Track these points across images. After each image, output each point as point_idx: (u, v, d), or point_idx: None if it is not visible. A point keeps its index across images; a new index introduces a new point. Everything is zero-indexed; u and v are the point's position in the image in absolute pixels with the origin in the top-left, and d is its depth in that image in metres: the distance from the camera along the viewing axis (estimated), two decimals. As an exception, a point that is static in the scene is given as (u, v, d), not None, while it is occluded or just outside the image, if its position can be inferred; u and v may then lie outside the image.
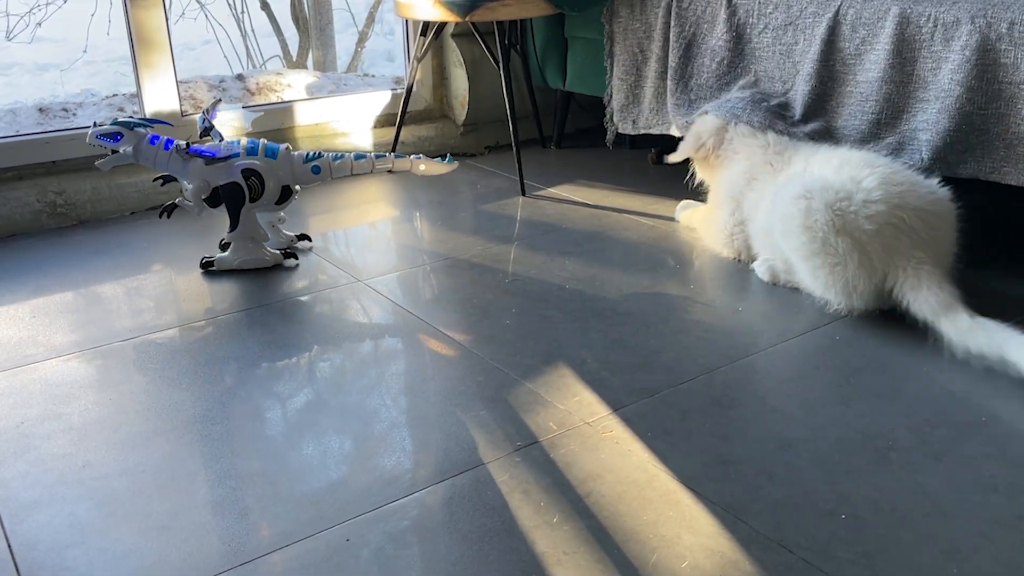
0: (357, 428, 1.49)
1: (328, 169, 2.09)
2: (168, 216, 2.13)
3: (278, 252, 2.14)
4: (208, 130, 2.14)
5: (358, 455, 1.42)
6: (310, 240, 2.26)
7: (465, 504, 1.29)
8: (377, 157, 2.11)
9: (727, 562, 1.17)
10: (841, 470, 1.35)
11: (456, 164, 2.12)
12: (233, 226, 2.06)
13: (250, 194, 2.03)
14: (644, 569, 1.16)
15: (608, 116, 2.67)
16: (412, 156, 2.13)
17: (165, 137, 2.06)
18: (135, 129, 2.03)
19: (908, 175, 1.83)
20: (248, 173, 2.03)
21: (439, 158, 2.12)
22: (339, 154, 2.10)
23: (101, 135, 2.01)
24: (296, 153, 2.10)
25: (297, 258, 2.16)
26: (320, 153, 2.10)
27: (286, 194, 2.10)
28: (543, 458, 1.40)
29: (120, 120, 2.05)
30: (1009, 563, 1.16)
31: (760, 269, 2.01)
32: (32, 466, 1.40)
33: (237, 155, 2.04)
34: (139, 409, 1.55)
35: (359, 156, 2.09)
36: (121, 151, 2.02)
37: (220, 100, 2.26)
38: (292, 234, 2.24)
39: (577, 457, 1.40)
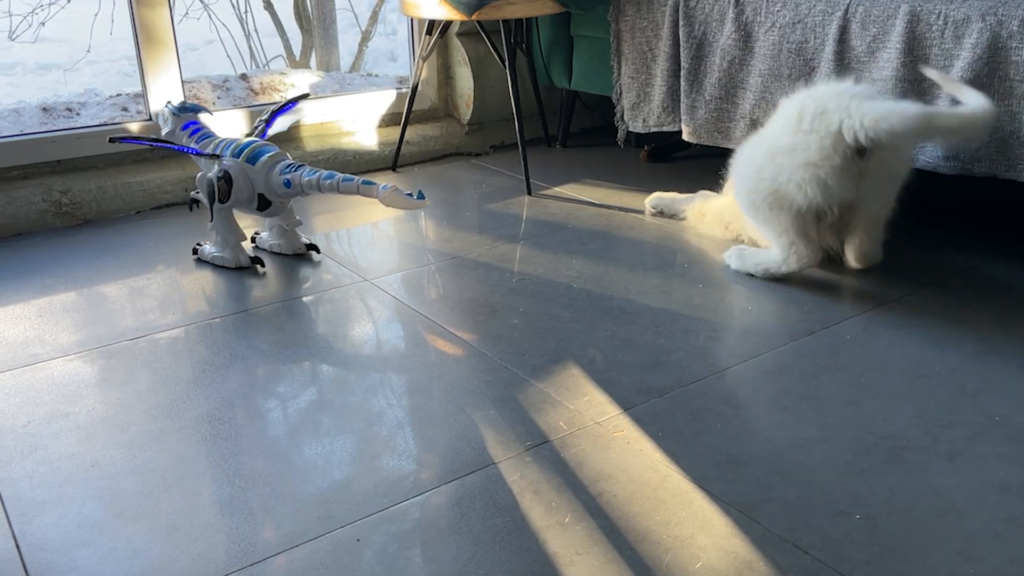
0: (365, 428, 1.48)
1: (299, 185, 2.00)
2: (193, 209, 2.16)
3: (248, 257, 2.12)
4: (262, 126, 2.21)
5: (366, 455, 1.41)
6: (318, 251, 2.20)
7: (476, 504, 1.29)
8: (344, 180, 1.96)
9: (741, 563, 1.16)
10: (854, 470, 1.34)
11: (428, 201, 1.89)
12: (209, 219, 2.10)
13: (218, 195, 2.04)
14: (658, 569, 1.15)
15: (618, 115, 2.66)
16: (382, 186, 1.91)
17: (196, 126, 2.17)
18: (179, 115, 2.20)
19: (864, 88, 1.88)
20: (223, 174, 2.03)
21: (410, 193, 1.90)
22: (314, 170, 2.00)
23: (166, 113, 2.24)
24: (281, 163, 2.03)
25: (264, 265, 2.13)
26: (299, 167, 2.02)
27: (264, 202, 2.07)
28: (554, 457, 1.39)
29: (180, 103, 2.22)
30: (1025, 564, 1.15)
31: (731, 258, 2.05)
32: (40, 465, 1.39)
33: (242, 153, 2.04)
34: (146, 408, 1.55)
35: (328, 176, 1.98)
36: (164, 133, 2.22)
37: (307, 96, 2.35)
38: (305, 241, 2.20)
39: (588, 457, 1.39)
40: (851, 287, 1.96)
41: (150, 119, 2.59)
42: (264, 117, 2.22)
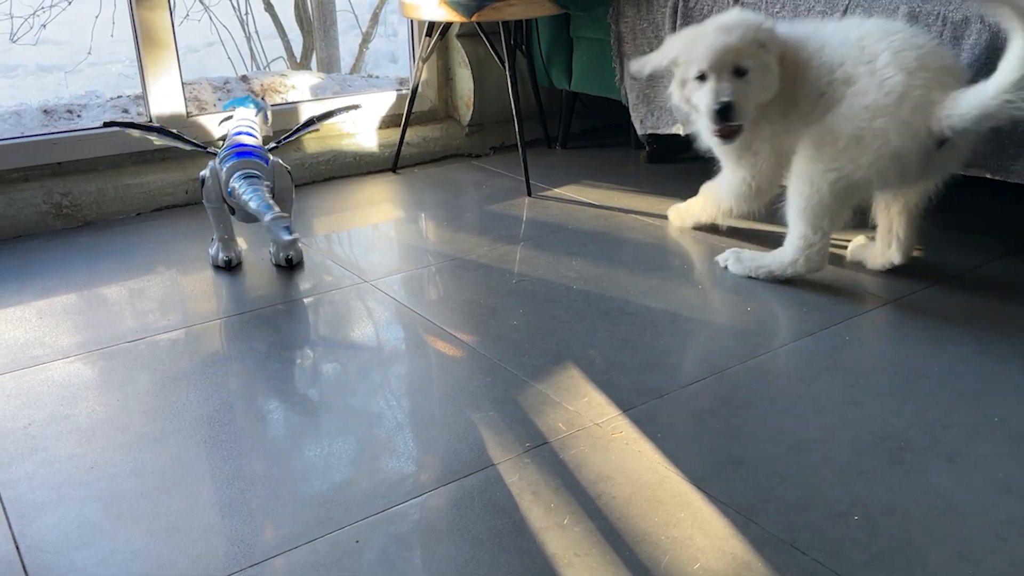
0: (364, 429, 1.48)
1: (235, 194, 1.96)
2: None
3: (223, 258, 2.12)
4: (304, 126, 2.28)
5: (366, 456, 1.41)
6: (289, 266, 2.13)
7: (475, 505, 1.29)
8: (251, 199, 1.90)
9: (740, 564, 1.16)
10: (853, 471, 1.34)
11: (296, 237, 1.82)
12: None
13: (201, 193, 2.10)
14: (656, 571, 1.15)
15: (634, 116, 2.65)
16: (269, 215, 1.83)
17: (247, 128, 2.14)
18: (232, 114, 2.25)
19: (925, 40, 1.81)
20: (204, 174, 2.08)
21: (287, 227, 1.82)
22: (246, 183, 1.94)
23: (228, 103, 2.30)
24: (237, 173, 1.98)
25: (229, 269, 2.12)
26: (246, 177, 1.96)
27: (230, 207, 2.05)
28: (553, 459, 1.39)
29: (230, 101, 2.28)
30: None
31: (728, 261, 2.04)
32: (40, 467, 1.40)
33: (222, 155, 2.05)
34: (146, 410, 1.55)
35: (244, 190, 1.92)
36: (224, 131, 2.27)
37: (357, 107, 2.40)
38: (285, 254, 2.13)
39: (587, 458, 1.39)
40: (851, 287, 1.96)
41: (150, 120, 2.59)
42: (301, 124, 2.28)
